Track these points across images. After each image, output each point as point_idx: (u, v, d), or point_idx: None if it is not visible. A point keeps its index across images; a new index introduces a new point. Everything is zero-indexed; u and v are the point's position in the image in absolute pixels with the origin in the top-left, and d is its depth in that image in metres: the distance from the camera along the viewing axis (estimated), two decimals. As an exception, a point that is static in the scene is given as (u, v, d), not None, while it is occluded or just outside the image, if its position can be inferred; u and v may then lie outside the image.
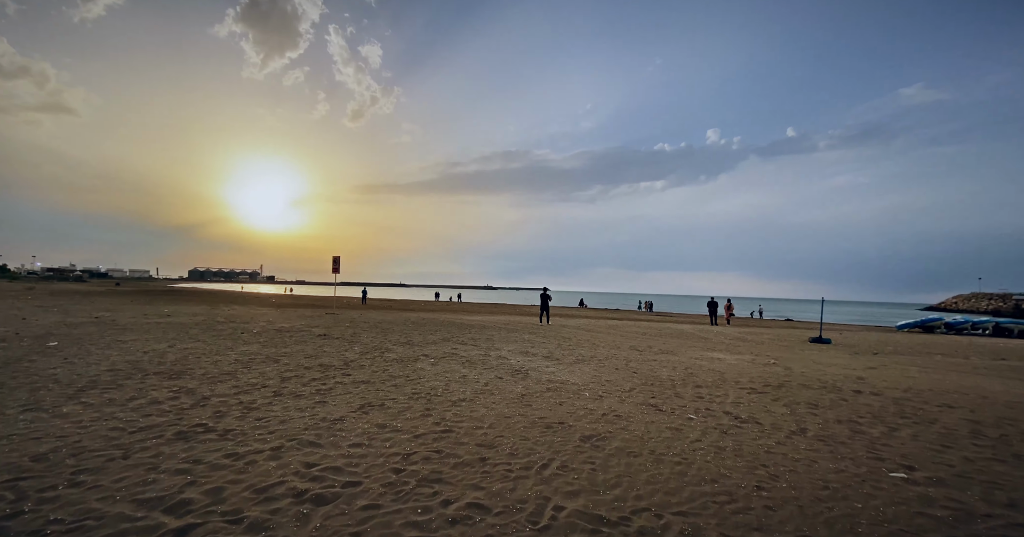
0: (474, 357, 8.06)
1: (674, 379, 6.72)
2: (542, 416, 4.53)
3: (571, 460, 3.43)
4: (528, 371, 6.89)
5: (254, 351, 7.79)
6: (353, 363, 7.00)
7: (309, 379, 5.77)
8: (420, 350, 8.68)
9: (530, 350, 9.32)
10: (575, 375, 6.72)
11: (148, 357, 6.82)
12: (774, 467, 3.42)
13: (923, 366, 9.30)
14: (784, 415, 4.88)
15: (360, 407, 4.60)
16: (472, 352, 8.67)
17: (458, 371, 6.68)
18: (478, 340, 10.78)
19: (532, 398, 5.25)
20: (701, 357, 9.42)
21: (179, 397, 4.70)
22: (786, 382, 6.72)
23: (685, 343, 12.56)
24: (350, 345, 9.02)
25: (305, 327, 12.52)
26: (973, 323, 26.95)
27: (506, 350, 9.17)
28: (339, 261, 21.04)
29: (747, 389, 6.15)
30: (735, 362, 8.81)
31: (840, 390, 6.26)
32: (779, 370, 7.90)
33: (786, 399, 5.63)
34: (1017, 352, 13.39)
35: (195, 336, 9.51)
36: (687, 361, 8.70)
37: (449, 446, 3.63)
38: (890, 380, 7.18)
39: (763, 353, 10.71)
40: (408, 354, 8.10)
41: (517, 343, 10.53)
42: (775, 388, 6.28)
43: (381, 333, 11.56)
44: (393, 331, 12.21)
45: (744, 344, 13.12)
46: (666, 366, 7.93)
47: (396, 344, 9.43)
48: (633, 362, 8.24)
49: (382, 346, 9.00)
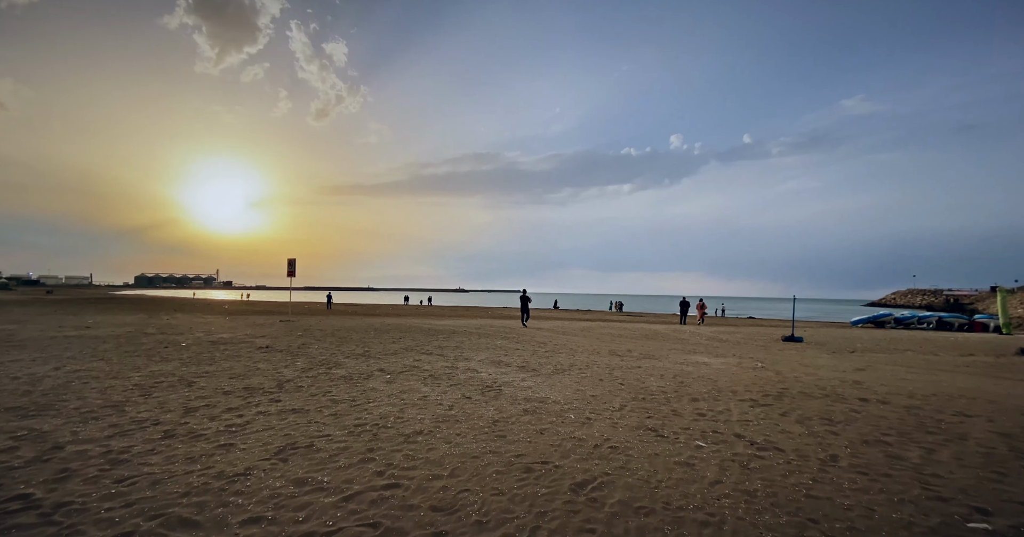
0: (439, 370, 6.96)
1: (665, 390, 5.88)
2: (520, 453, 3.52)
3: (563, 527, 2.44)
4: (501, 387, 5.87)
5: (167, 371, 6.36)
6: (289, 384, 5.74)
7: (223, 409, 4.51)
8: (376, 363, 7.47)
9: (503, 359, 8.30)
10: (556, 390, 5.76)
11: (15, 384, 5.30)
12: (827, 522, 2.56)
13: (907, 365, 8.98)
14: (802, 436, 4.09)
15: (279, 451, 3.43)
16: (437, 364, 7.56)
17: (418, 390, 5.57)
18: (445, 348, 9.66)
19: (507, 425, 4.23)
20: (685, 361, 8.71)
21: (17, 448, 3.36)
22: (784, 390, 6.03)
23: (664, 345, 11.92)
24: (293, 359, 7.69)
25: (248, 338, 10.97)
26: (919, 318, 28.29)
27: (476, 360, 8.11)
28: (295, 264, 19.31)
29: (748, 401, 5.39)
30: (722, 367, 8.13)
31: (845, 398, 5.61)
32: (770, 375, 7.26)
33: (795, 413, 4.88)
34: (972, 346, 13.63)
35: (101, 354, 7.88)
36: (672, 367, 7.95)
37: (392, 513, 2.55)
38: (888, 384, 6.66)
39: (745, 355, 10.17)
40: (361, 369, 6.89)
41: (489, 351, 9.49)
42: (776, 398, 5.55)
43: (336, 343, 10.21)
44: (350, 340, 10.87)
45: (721, 345, 12.64)
46: (652, 374, 7.12)
47: (349, 357, 8.16)
48: (617, 370, 7.38)
49: (331, 360, 7.72)
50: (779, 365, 8.45)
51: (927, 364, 9.17)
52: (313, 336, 11.70)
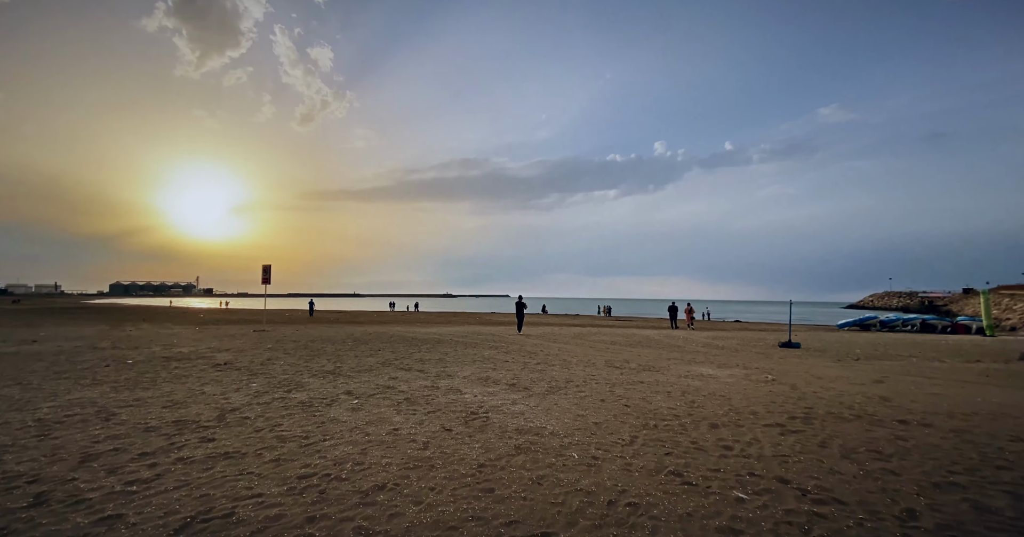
0: (417, 392, 6.02)
1: (678, 413, 5.07)
2: (512, 518, 2.64)
3: None
4: (488, 413, 4.97)
5: (89, 399, 5.29)
6: (233, 414, 4.74)
7: (133, 455, 3.51)
8: (345, 384, 6.50)
9: (491, 375, 7.40)
10: (552, 416, 4.89)
11: None
12: None
13: (924, 375, 8.37)
14: (858, 479, 3.30)
15: (181, 528, 2.47)
16: (415, 383, 6.62)
17: (388, 420, 4.63)
18: (427, 362, 8.71)
19: (495, 471, 3.34)
20: (689, 374, 7.94)
21: None
22: (809, 411, 5.27)
23: (661, 354, 11.17)
24: (250, 379, 6.66)
25: (209, 352, 9.84)
26: (903, 320, 28.32)
27: (461, 376, 7.19)
28: (270, 271, 18.14)
29: (775, 426, 4.61)
30: (730, 380, 7.38)
31: (881, 421, 4.87)
32: (785, 390, 6.52)
33: (834, 442, 4.11)
34: (971, 351, 13.25)
35: (24, 376, 6.74)
36: (677, 381, 7.16)
37: None
38: (917, 399, 5.97)
39: (749, 364, 9.47)
40: (325, 392, 5.91)
41: (476, 364, 8.58)
42: (805, 422, 4.79)
43: (305, 357, 9.16)
44: (323, 353, 9.83)
45: (720, 353, 11.95)
46: (658, 391, 6.31)
47: (316, 375, 7.16)
48: (618, 387, 6.55)
49: (294, 380, 6.71)
50: (790, 377, 7.73)
51: (943, 373, 8.58)
52: (283, 349, 10.62)
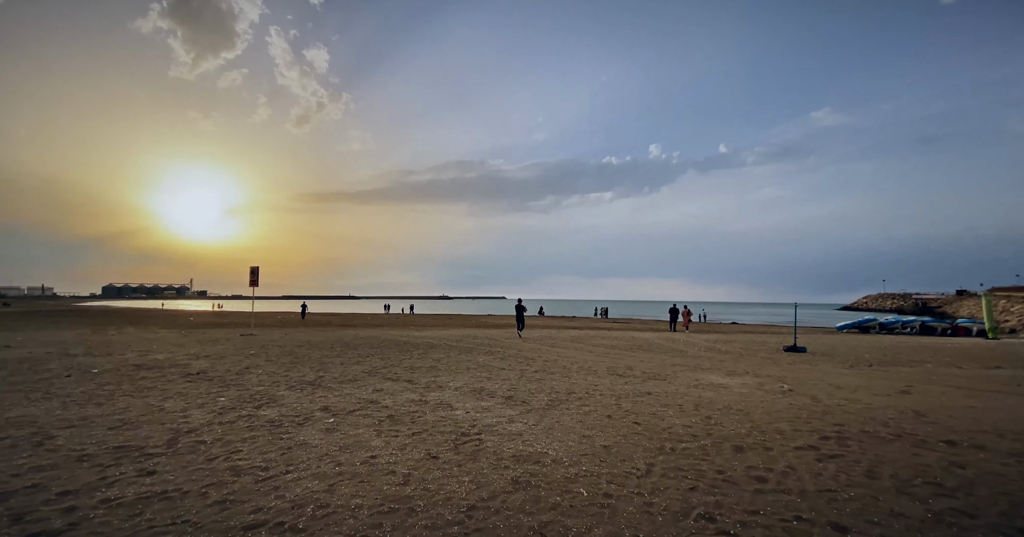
0: (402, 407, 5.40)
1: (695, 433, 4.47)
2: (508, 593, 2.02)
3: None
4: (481, 434, 4.35)
5: (30, 418, 4.63)
6: (188, 437, 4.10)
7: (50, 495, 2.87)
8: (324, 397, 5.86)
9: (486, 386, 6.78)
10: (554, 438, 4.28)
11: None
12: None
13: (950, 384, 7.82)
14: (932, 526, 2.71)
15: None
16: (402, 396, 5.99)
17: (366, 444, 4.01)
18: (417, 371, 8.08)
19: (487, 516, 2.72)
20: (698, 383, 7.36)
21: None
22: (841, 429, 4.69)
23: (665, 360, 10.59)
24: (219, 392, 6.01)
25: (186, 359, 9.16)
26: (903, 323, 27.94)
27: (452, 388, 6.57)
28: (258, 272, 17.46)
29: (807, 449, 4.02)
30: (743, 390, 6.80)
31: (924, 442, 4.29)
32: (806, 402, 5.95)
33: (883, 470, 3.52)
34: (984, 355, 12.76)
35: (-33, 388, 6.05)
36: (687, 392, 6.57)
37: None
38: (956, 414, 5.40)
39: (759, 371, 8.90)
40: (299, 408, 5.27)
41: (470, 372, 7.96)
42: (839, 443, 4.20)
43: (287, 365, 8.51)
44: (307, 361, 9.17)
45: (725, 358, 11.39)
46: (669, 404, 5.71)
47: (293, 386, 6.51)
48: (624, 400, 5.95)
49: (268, 392, 6.06)
50: (807, 386, 7.16)
51: (968, 382, 8.03)
52: (266, 355, 9.95)
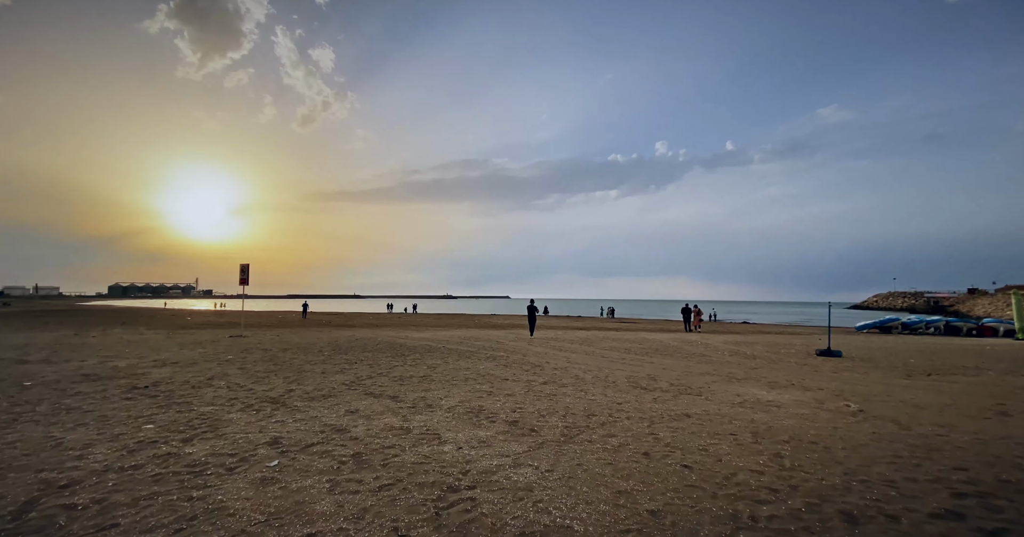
0: (375, 439, 4.15)
1: (772, 484, 3.18)
2: None
3: None
4: (476, 487, 3.09)
5: None
6: (57, 496, 2.86)
7: None
8: (282, 421, 4.62)
9: (485, 404, 5.52)
10: (577, 495, 3.01)
11: None
12: None
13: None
14: None
15: None
16: (380, 421, 4.74)
17: (307, 508, 2.75)
18: (407, 382, 6.85)
19: None
20: (741, 399, 6.06)
21: None
22: (969, 476, 3.39)
23: (690, 367, 9.28)
24: (155, 414, 4.78)
25: (148, 366, 7.99)
26: (926, 322, 26.38)
27: (444, 407, 5.32)
28: (248, 270, 16.34)
29: (948, 518, 2.73)
30: (803, 411, 5.49)
31: (1105, 499, 2.99)
32: (891, 429, 4.64)
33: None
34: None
35: None
36: (733, 413, 5.28)
37: None
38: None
39: (805, 382, 7.58)
40: (240, 441, 4.02)
41: (468, 384, 6.71)
42: (986, 506, 2.90)
43: (258, 375, 7.30)
44: (286, 368, 7.97)
45: (755, 364, 10.06)
46: (719, 433, 4.42)
47: (250, 405, 5.27)
48: (660, 426, 4.66)
49: (214, 416, 4.81)
50: (876, 405, 5.84)
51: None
52: (242, 361, 8.76)
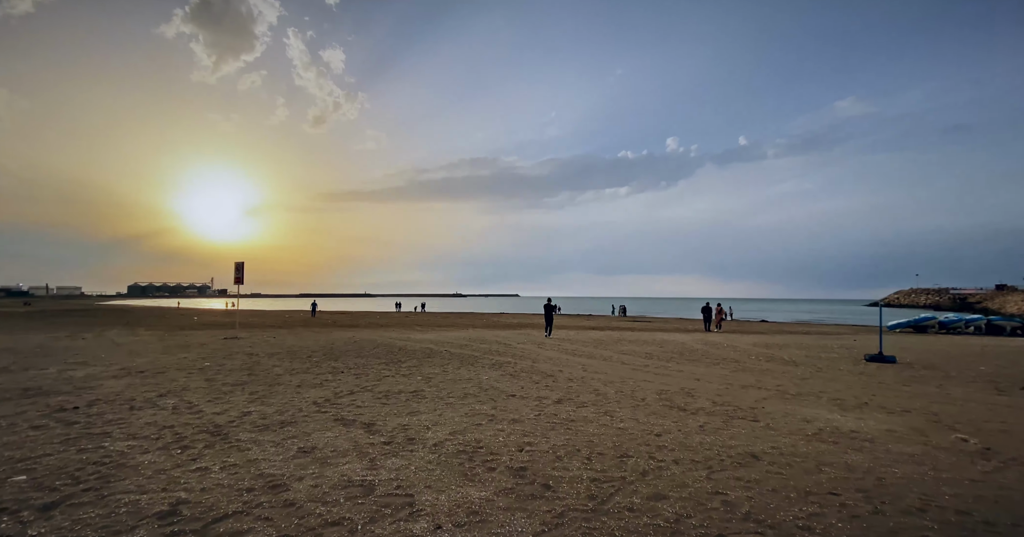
0: (319, 503, 2.87)
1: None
2: None
3: None
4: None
5: None
6: None
7: None
8: (209, 468, 3.38)
9: (484, 437, 4.22)
10: None
11: None
12: None
13: None
14: None
15: None
16: (337, 469, 3.47)
17: None
18: (392, 400, 5.60)
19: None
20: (816, 428, 4.66)
21: None
22: None
23: (727, 377, 7.87)
24: (44, 457, 3.59)
25: (108, 376, 6.90)
26: (966, 321, 24.32)
27: (430, 444, 4.03)
28: (243, 268, 15.33)
29: None
30: (907, 448, 4.08)
31: None
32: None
33: None
34: None
35: None
36: (812, 451, 3.90)
37: None
38: None
39: (880, 401, 6.13)
40: (125, 512, 2.78)
41: (465, 403, 5.44)
42: None
43: (223, 389, 6.13)
44: (259, 379, 6.80)
45: (799, 371, 8.59)
46: (812, 493, 3.06)
47: (176, 440, 4.05)
48: (721, 476, 3.31)
49: (120, 459, 3.58)
50: (994, 436, 4.39)
51: None
52: (216, 369, 7.65)
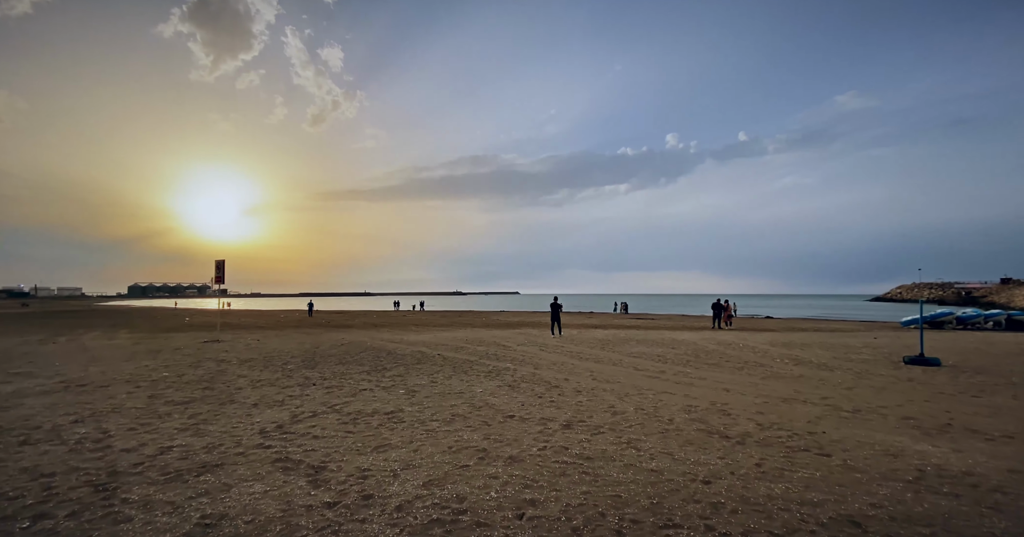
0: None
1: None
2: None
3: None
4: None
5: None
6: None
7: None
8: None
9: (468, 492, 3.04)
10: None
11: None
12: None
13: None
14: None
15: None
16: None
17: None
18: (360, 425, 4.41)
19: None
20: (917, 471, 3.48)
21: None
22: None
23: (761, 386, 6.69)
24: None
25: (31, 396, 5.73)
26: (985, 316, 23.12)
27: (393, 506, 2.85)
28: (223, 267, 14.15)
29: None
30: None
31: None
32: None
33: None
34: None
35: None
36: (943, 515, 2.72)
37: None
38: None
39: (966, 421, 4.94)
40: None
41: (450, 431, 4.26)
42: None
43: (162, 411, 4.95)
44: (215, 395, 5.63)
45: (845, 381, 7.41)
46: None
47: (49, 496, 2.87)
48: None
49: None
50: None
51: None
52: (170, 383, 6.47)
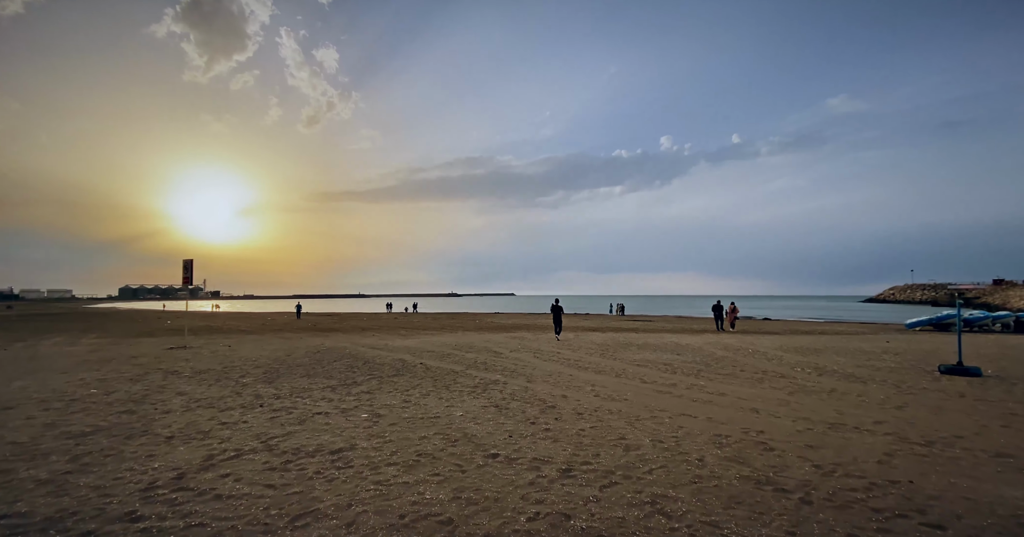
0: None
1: None
2: None
3: None
4: None
5: None
6: None
7: None
8: None
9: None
10: None
11: None
12: None
13: None
14: None
15: None
16: None
17: None
18: (296, 470, 3.28)
19: None
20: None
21: None
22: None
23: (793, 403, 5.61)
24: None
25: None
26: (993, 318, 22.24)
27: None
28: (192, 267, 12.96)
29: None
30: None
31: None
32: None
33: None
34: None
35: None
36: None
37: None
38: None
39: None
40: None
41: (410, 476, 3.15)
42: None
43: (49, 445, 3.79)
44: (132, 421, 4.48)
45: (886, 395, 6.36)
46: None
47: None
48: None
49: None
50: None
51: None
52: (84, 405, 5.32)
